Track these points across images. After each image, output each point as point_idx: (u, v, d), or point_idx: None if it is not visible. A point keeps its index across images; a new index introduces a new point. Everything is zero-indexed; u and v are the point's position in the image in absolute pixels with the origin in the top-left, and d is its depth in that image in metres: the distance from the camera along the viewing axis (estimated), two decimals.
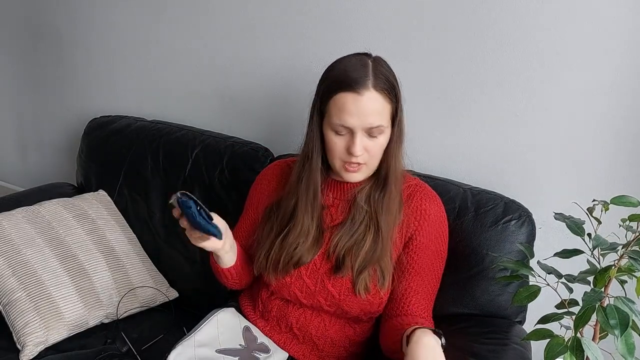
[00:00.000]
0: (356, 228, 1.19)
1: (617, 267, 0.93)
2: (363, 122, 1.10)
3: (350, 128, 1.11)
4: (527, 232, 1.31)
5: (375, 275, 1.18)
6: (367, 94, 1.09)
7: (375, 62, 1.13)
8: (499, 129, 1.45)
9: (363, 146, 1.12)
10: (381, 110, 1.11)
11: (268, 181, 1.34)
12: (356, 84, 1.09)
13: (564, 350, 0.90)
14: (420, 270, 1.20)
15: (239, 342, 1.22)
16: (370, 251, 1.17)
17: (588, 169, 1.38)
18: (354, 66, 1.12)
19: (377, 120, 1.11)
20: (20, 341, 1.37)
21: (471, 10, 1.40)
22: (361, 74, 1.10)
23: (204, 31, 1.84)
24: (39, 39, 2.25)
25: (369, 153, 1.14)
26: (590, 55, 1.31)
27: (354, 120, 1.10)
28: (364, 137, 1.12)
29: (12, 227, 1.52)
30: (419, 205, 1.21)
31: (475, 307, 1.31)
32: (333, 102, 1.12)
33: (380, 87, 1.10)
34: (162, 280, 1.66)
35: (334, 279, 1.20)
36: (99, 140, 1.87)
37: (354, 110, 1.09)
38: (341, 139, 1.14)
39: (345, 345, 1.27)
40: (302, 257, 1.20)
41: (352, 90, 1.09)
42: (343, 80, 1.11)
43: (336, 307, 1.21)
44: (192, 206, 1.04)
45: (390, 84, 1.12)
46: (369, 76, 1.10)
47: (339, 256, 1.19)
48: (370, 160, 1.15)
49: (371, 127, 1.11)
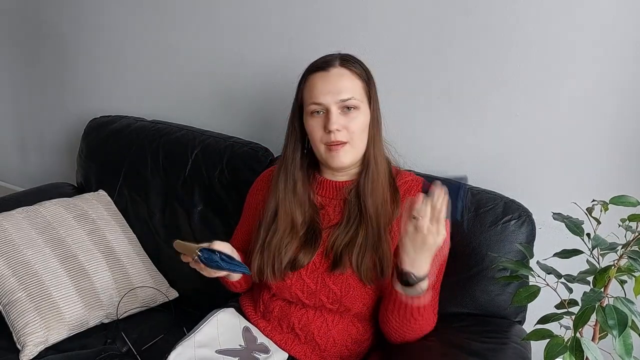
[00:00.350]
0: (351, 225, 1.21)
1: (617, 267, 0.93)
2: (335, 96, 1.16)
3: (323, 104, 1.16)
4: (527, 232, 1.31)
5: (374, 264, 1.18)
6: (334, 70, 1.18)
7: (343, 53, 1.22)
8: (499, 129, 1.45)
9: (341, 124, 1.16)
10: (352, 85, 1.17)
11: (261, 187, 1.36)
12: (324, 63, 1.19)
13: (563, 350, 0.90)
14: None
15: (239, 342, 1.22)
16: (364, 240, 1.18)
17: (588, 169, 1.37)
18: (323, 57, 1.22)
19: (349, 93, 1.16)
20: (21, 341, 1.37)
21: (471, 11, 1.40)
22: (329, 58, 1.20)
23: (204, 31, 1.84)
24: (39, 39, 2.25)
25: (348, 130, 1.17)
26: (590, 55, 1.31)
27: (325, 96, 1.16)
28: (340, 115, 1.16)
29: (12, 227, 1.52)
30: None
31: (475, 306, 1.31)
32: (306, 87, 1.20)
33: (348, 65, 1.18)
34: (162, 280, 1.66)
35: (334, 276, 1.20)
36: (99, 140, 1.88)
37: (324, 86, 1.16)
38: (318, 120, 1.18)
39: (348, 345, 1.27)
40: (300, 260, 1.21)
41: (320, 70, 1.19)
42: (312, 65, 1.21)
43: (338, 303, 1.21)
44: (217, 259, 1.08)
45: (359, 64, 1.20)
46: (337, 58, 1.20)
47: (337, 253, 1.20)
48: (352, 139, 1.18)
49: (343, 100, 1.16)
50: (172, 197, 1.69)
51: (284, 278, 1.22)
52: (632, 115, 1.30)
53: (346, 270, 1.19)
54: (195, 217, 1.66)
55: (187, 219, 1.67)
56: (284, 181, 1.24)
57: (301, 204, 1.24)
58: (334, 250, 1.20)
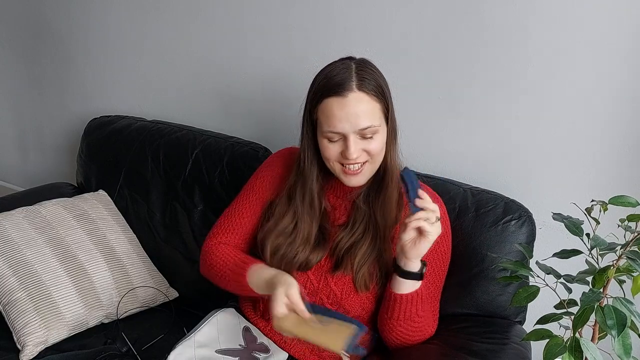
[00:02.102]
0: (356, 228, 1.20)
1: (616, 267, 0.93)
2: (353, 126, 1.09)
3: (342, 133, 1.11)
4: (527, 232, 1.31)
5: (375, 272, 1.18)
6: (352, 96, 1.09)
7: (359, 64, 1.13)
8: (499, 129, 1.45)
9: (360, 148, 1.12)
10: (370, 111, 1.10)
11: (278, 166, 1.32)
12: (340, 87, 1.09)
13: (562, 351, 0.90)
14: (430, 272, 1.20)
15: (239, 342, 1.22)
16: (368, 249, 1.18)
17: (587, 169, 1.38)
18: (337, 70, 1.12)
19: (367, 121, 1.10)
20: (20, 341, 1.37)
21: (472, 11, 1.40)
22: (344, 77, 1.10)
23: (204, 31, 1.84)
24: (39, 39, 2.25)
25: (368, 153, 1.14)
26: (590, 55, 1.31)
27: (343, 125, 1.10)
28: (358, 140, 1.11)
29: (13, 227, 1.53)
30: None
31: (475, 307, 1.31)
32: (321, 111, 1.12)
33: (366, 87, 1.10)
34: (162, 280, 1.66)
35: (336, 277, 1.20)
36: (99, 140, 1.88)
37: (342, 115, 1.09)
38: (335, 145, 1.13)
39: None
40: (311, 260, 1.21)
41: (336, 95, 1.09)
42: (327, 86, 1.11)
43: (337, 305, 1.21)
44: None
45: (376, 83, 1.12)
46: (352, 78, 1.10)
47: (339, 255, 1.20)
48: (372, 158, 1.15)
49: (362, 128, 1.10)
50: (172, 197, 1.69)
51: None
52: (632, 115, 1.30)
53: (347, 272, 1.19)
54: (195, 217, 1.66)
55: (187, 219, 1.67)
56: (302, 195, 1.21)
57: (316, 214, 1.22)
58: (337, 251, 1.20)
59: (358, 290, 1.18)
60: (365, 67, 1.13)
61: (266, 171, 1.35)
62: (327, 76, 1.12)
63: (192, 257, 1.66)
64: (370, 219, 1.19)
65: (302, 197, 1.21)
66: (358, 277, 1.17)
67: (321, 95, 1.11)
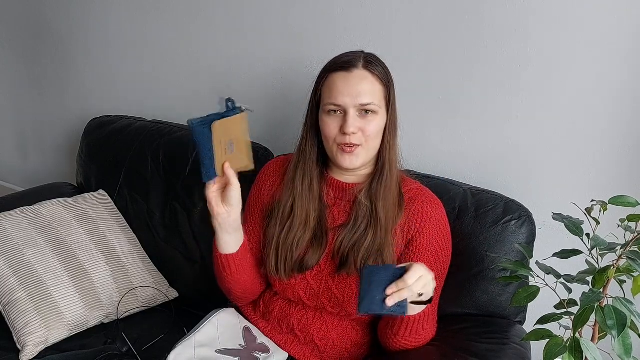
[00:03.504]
0: (358, 226, 1.20)
1: (616, 267, 0.93)
2: (354, 100, 1.13)
3: (342, 106, 1.14)
4: (527, 232, 1.31)
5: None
6: (357, 72, 1.15)
7: (367, 53, 1.20)
8: (499, 129, 1.45)
9: (357, 126, 1.14)
10: (372, 90, 1.15)
11: (270, 176, 1.33)
12: (346, 64, 1.15)
13: (562, 351, 0.90)
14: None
15: (239, 342, 1.22)
16: (371, 244, 1.18)
17: (587, 169, 1.38)
18: (346, 54, 1.19)
19: (368, 98, 1.14)
20: (21, 341, 1.37)
21: (472, 11, 1.40)
22: (352, 57, 1.17)
23: (204, 31, 1.84)
24: (39, 39, 2.25)
25: (364, 133, 1.15)
26: (590, 55, 1.31)
27: (344, 98, 1.13)
28: (357, 117, 1.14)
29: (13, 227, 1.52)
30: (421, 209, 1.21)
31: (475, 307, 1.31)
32: (325, 85, 1.17)
33: (371, 68, 1.16)
34: (162, 280, 1.66)
35: (337, 280, 1.20)
36: (99, 140, 1.88)
37: (345, 88, 1.14)
38: (335, 120, 1.15)
39: (347, 347, 1.27)
40: (308, 261, 1.21)
41: (342, 69, 1.15)
42: (335, 63, 1.18)
43: (340, 308, 1.21)
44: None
45: (382, 68, 1.17)
46: (360, 59, 1.16)
47: (343, 255, 1.19)
48: (366, 143, 1.16)
49: (362, 104, 1.13)
50: (172, 197, 1.69)
51: (290, 277, 1.22)
52: (632, 115, 1.30)
53: (352, 272, 1.18)
54: (195, 217, 1.66)
55: (187, 219, 1.67)
56: (301, 177, 1.23)
57: (315, 200, 1.23)
58: (340, 251, 1.20)
59: None
60: (374, 56, 1.20)
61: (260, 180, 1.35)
62: (335, 59, 1.19)
63: (192, 257, 1.66)
64: (372, 214, 1.19)
65: (302, 178, 1.22)
66: None
67: (327, 71, 1.18)
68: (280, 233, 1.22)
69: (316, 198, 1.23)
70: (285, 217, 1.23)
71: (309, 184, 1.22)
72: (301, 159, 1.23)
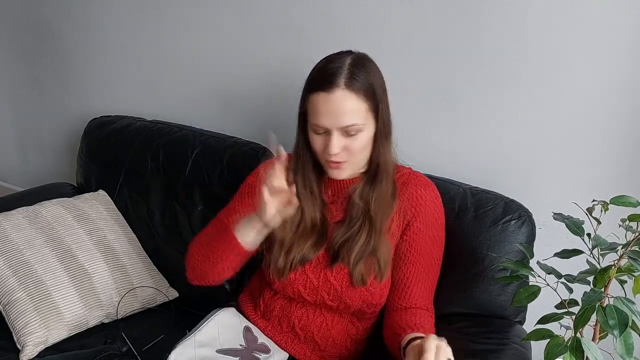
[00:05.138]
0: (353, 224, 1.20)
1: (617, 267, 0.93)
2: (336, 122, 1.11)
3: (325, 127, 1.12)
4: (527, 232, 1.31)
5: (373, 266, 1.18)
6: (338, 93, 1.09)
7: (354, 60, 1.13)
8: (499, 129, 1.45)
9: (342, 145, 1.13)
10: (355, 109, 1.10)
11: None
12: (327, 83, 1.10)
13: (563, 351, 0.90)
14: (419, 257, 1.21)
15: (240, 342, 1.22)
16: (364, 244, 1.18)
17: (588, 169, 1.38)
18: (330, 65, 1.12)
19: (351, 119, 1.10)
20: (20, 341, 1.37)
21: (471, 11, 1.40)
22: (334, 72, 1.10)
23: (204, 31, 1.84)
24: (39, 39, 2.25)
25: (348, 151, 1.14)
26: (590, 55, 1.31)
27: (326, 120, 1.11)
28: (341, 136, 1.12)
29: (12, 227, 1.52)
30: (414, 192, 1.22)
31: (475, 307, 1.31)
32: (309, 103, 1.13)
33: (354, 85, 1.10)
34: (162, 280, 1.66)
35: (335, 271, 1.20)
36: (99, 140, 1.88)
37: (326, 110, 1.10)
38: (320, 137, 1.15)
39: (347, 345, 1.27)
40: (306, 255, 1.21)
41: (323, 90, 1.10)
42: (317, 79, 1.13)
43: (339, 301, 1.21)
44: None
45: (366, 82, 1.11)
46: (342, 75, 1.10)
47: (335, 249, 1.20)
48: (351, 158, 1.16)
49: (345, 126, 1.11)
50: (172, 197, 1.69)
51: (290, 272, 1.22)
52: (632, 115, 1.30)
53: (346, 264, 1.19)
54: (195, 217, 1.66)
55: (187, 219, 1.67)
56: (302, 182, 1.22)
57: (317, 202, 1.24)
58: (332, 246, 1.21)
59: (355, 286, 1.18)
60: (360, 63, 1.13)
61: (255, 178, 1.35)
62: (320, 69, 1.14)
63: None
64: (366, 215, 1.20)
65: (303, 184, 1.22)
66: (355, 273, 1.18)
67: (311, 88, 1.13)
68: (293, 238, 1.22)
69: (318, 199, 1.24)
70: (295, 222, 1.22)
71: (310, 188, 1.23)
72: (299, 165, 1.23)
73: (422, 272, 1.21)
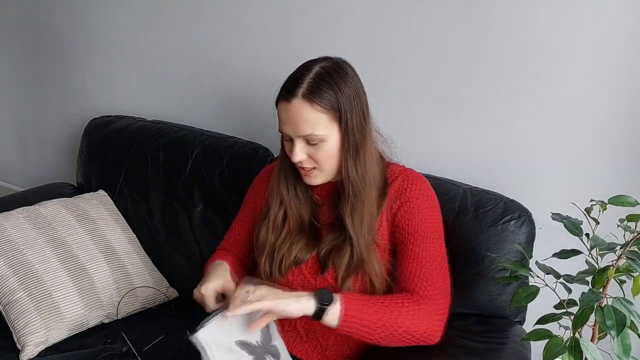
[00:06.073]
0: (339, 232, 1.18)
1: (616, 267, 0.93)
2: (295, 131, 1.11)
3: (288, 135, 1.13)
4: (527, 232, 1.31)
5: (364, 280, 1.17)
6: (295, 102, 1.09)
7: (322, 68, 1.11)
8: (499, 129, 1.45)
9: (306, 153, 1.13)
10: (312, 120, 1.09)
11: (264, 182, 1.35)
12: (287, 92, 1.10)
13: (562, 351, 0.90)
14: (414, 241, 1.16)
15: (257, 337, 1.16)
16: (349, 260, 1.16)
17: (587, 169, 1.38)
18: (296, 74, 1.12)
19: (309, 129, 1.09)
20: (21, 341, 1.37)
21: (471, 11, 1.40)
22: (296, 82, 1.10)
23: (203, 31, 1.84)
24: (39, 39, 2.25)
25: (313, 159, 1.14)
26: (590, 56, 1.31)
27: (287, 128, 1.12)
28: (305, 145, 1.12)
29: (13, 227, 1.53)
30: (402, 184, 1.20)
31: (474, 307, 1.31)
32: (277, 109, 1.14)
33: (313, 96, 1.08)
34: (162, 280, 1.66)
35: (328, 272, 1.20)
36: (99, 140, 1.88)
37: (286, 119, 1.11)
38: (288, 144, 1.16)
39: (350, 343, 1.27)
40: (300, 256, 1.21)
41: (283, 99, 1.11)
42: (282, 88, 1.13)
43: None
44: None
45: (327, 93, 1.09)
46: (302, 85, 1.09)
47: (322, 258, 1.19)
48: (319, 166, 1.15)
49: (304, 135, 1.11)
50: (172, 197, 1.70)
51: (287, 274, 1.22)
52: (631, 115, 1.30)
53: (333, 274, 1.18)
54: (195, 217, 1.66)
55: (187, 219, 1.67)
56: (285, 186, 1.23)
57: (305, 203, 1.24)
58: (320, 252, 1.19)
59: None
60: (328, 73, 1.11)
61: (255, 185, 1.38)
62: (288, 77, 1.14)
63: (192, 257, 1.66)
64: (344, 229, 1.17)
65: (286, 186, 1.23)
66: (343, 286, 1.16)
67: (278, 96, 1.14)
68: (276, 241, 1.23)
69: (306, 201, 1.24)
70: (278, 225, 1.23)
71: (295, 192, 1.23)
72: (282, 167, 1.24)
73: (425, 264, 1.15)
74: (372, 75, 1.52)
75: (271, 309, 1.05)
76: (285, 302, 1.05)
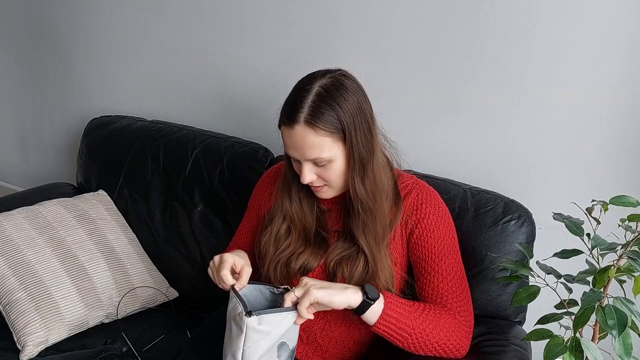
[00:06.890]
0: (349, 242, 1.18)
1: (616, 267, 0.93)
2: (302, 155, 1.09)
3: (295, 158, 1.12)
4: (527, 232, 1.31)
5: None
6: (298, 128, 1.07)
7: (322, 88, 1.08)
8: (499, 129, 1.45)
9: (315, 173, 1.12)
10: (317, 144, 1.07)
11: (267, 185, 1.34)
12: (288, 119, 1.08)
13: (563, 351, 0.90)
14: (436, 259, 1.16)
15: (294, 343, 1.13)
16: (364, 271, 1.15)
17: (587, 169, 1.38)
18: (295, 97, 1.09)
19: (315, 153, 1.08)
20: (21, 341, 1.37)
21: (471, 11, 1.40)
22: (296, 107, 1.07)
23: (203, 31, 1.84)
24: (39, 39, 2.25)
25: (323, 178, 1.13)
26: (590, 55, 1.31)
27: (294, 152, 1.11)
28: (313, 166, 1.11)
29: (13, 227, 1.53)
30: (416, 199, 1.19)
31: (475, 307, 1.30)
32: (281, 132, 1.12)
33: (315, 120, 1.06)
34: (162, 280, 1.66)
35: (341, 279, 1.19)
36: (99, 140, 1.88)
37: (291, 144, 1.10)
38: (297, 163, 1.14)
39: (350, 346, 1.27)
40: (309, 264, 1.20)
41: (286, 125, 1.09)
42: (283, 112, 1.10)
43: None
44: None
45: (329, 115, 1.06)
46: (303, 109, 1.06)
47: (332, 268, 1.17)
48: (329, 183, 1.14)
49: (311, 159, 1.09)
50: (172, 197, 1.69)
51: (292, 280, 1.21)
52: (632, 115, 1.30)
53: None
54: (195, 217, 1.66)
55: (187, 219, 1.67)
56: (289, 199, 1.22)
57: (311, 215, 1.22)
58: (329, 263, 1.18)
59: None
60: (328, 92, 1.08)
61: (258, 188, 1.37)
62: (287, 101, 1.11)
63: (192, 257, 1.66)
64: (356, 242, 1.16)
65: (290, 201, 1.22)
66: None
67: (280, 120, 1.11)
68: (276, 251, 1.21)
69: (311, 212, 1.22)
70: (281, 237, 1.22)
71: (299, 204, 1.22)
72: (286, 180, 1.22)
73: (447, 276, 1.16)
74: (372, 76, 1.53)
75: (318, 299, 1.03)
76: (331, 292, 1.05)
